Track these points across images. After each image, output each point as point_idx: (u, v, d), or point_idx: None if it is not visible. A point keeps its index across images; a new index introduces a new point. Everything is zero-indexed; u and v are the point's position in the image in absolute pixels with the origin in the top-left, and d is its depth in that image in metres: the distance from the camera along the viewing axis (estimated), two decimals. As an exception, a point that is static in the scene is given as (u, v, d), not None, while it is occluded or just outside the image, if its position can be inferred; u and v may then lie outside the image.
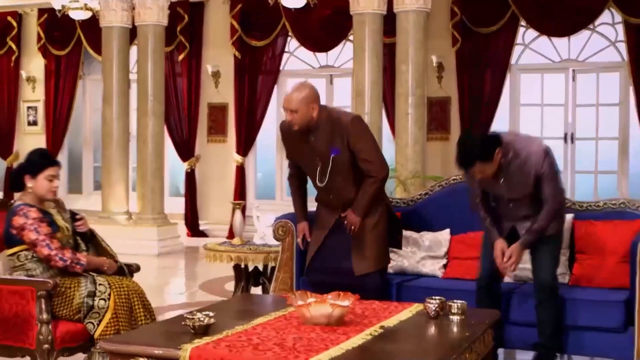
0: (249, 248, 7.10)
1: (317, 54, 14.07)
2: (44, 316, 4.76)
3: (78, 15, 12.92)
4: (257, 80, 14.07)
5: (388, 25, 11.29)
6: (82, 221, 5.33)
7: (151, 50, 12.65)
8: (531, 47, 12.87)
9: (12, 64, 15.54)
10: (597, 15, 11.98)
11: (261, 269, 7.39)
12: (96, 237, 5.44)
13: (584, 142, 12.68)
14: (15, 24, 15.42)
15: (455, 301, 4.49)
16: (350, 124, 5.50)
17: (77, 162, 15.83)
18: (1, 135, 15.69)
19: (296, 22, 13.45)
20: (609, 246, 5.71)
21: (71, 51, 14.99)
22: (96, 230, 5.58)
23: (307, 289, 4.86)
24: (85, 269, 5.06)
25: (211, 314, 4.11)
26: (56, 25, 14.59)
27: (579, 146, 12.68)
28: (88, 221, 5.45)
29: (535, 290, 5.38)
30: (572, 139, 12.64)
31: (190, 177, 14.47)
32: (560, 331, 5.42)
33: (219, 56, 14.26)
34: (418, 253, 6.33)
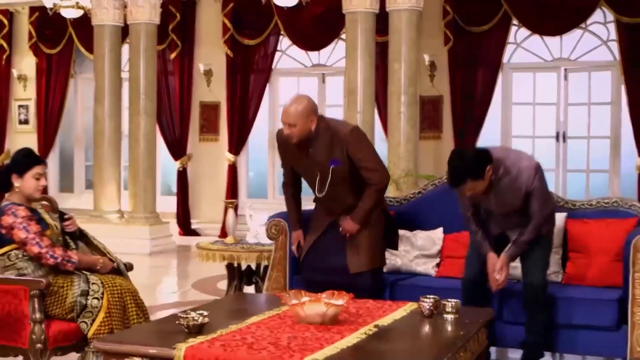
0: (242, 247, 7.09)
1: (309, 53, 14.05)
2: (37, 315, 4.74)
3: (70, 13, 12.87)
4: (249, 79, 14.05)
5: (380, 24, 11.29)
6: (71, 221, 5.32)
7: (143, 48, 12.62)
8: (523, 46, 12.88)
9: (3, 63, 15.47)
10: (589, 14, 12.00)
11: (254, 268, 7.38)
12: (87, 237, 5.42)
13: (576, 141, 12.69)
14: (6, 22, 15.35)
15: (449, 300, 4.50)
16: (349, 135, 5.53)
17: (69, 161, 15.78)
18: (-8, 133, 15.66)
19: (288, 21, 13.44)
20: (602, 245, 5.73)
21: (63, 49, 14.93)
22: (88, 229, 5.57)
23: (301, 288, 4.86)
24: (77, 267, 5.04)
25: (205, 313, 4.10)
26: (47, 23, 14.54)
27: (571, 145, 12.70)
28: (78, 220, 5.44)
29: (524, 291, 5.39)
30: (564, 138, 12.66)
31: (182, 176, 14.44)
32: (548, 329, 5.43)
33: (211, 55, 14.24)
34: (411, 252, 6.33)
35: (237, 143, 14.14)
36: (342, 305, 4.26)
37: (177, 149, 14.42)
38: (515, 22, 12.47)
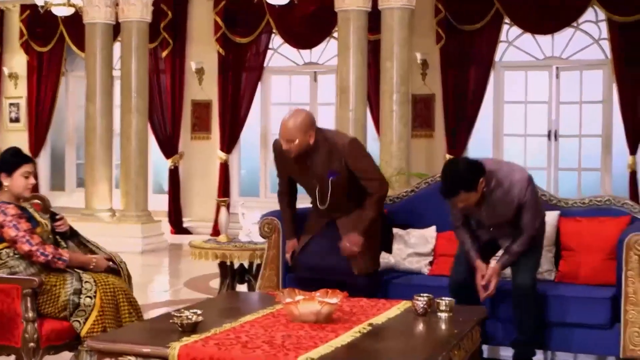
0: (235, 245, 7.07)
1: (301, 51, 14.04)
2: (30, 314, 4.72)
3: (61, 11, 12.84)
4: (241, 77, 14.04)
5: (372, 22, 11.28)
6: (62, 221, 5.30)
7: (135, 46, 12.60)
8: (515, 45, 12.90)
9: (-6, 60, 15.47)
10: (581, 13, 12.03)
11: (247, 267, 7.37)
12: (79, 236, 5.40)
13: (568, 140, 12.72)
14: (-3, 20, 15.34)
15: (443, 298, 4.51)
16: (348, 146, 5.56)
17: (60, 159, 15.75)
18: (-17, 132, 15.61)
19: (280, 19, 13.43)
20: (595, 243, 5.73)
21: (54, 47, 14.89)
22: (79, 227, 5.56)
23: (293, 286, 4.86)
24: (68, 266, 5.02)
25: (199, 312, 4.09)
26: (38, 21, 14.50)
27: (563, 143, 12.72)
28: (69, 219, 5.43)
29: (513, 291, 5.39)
30: (556, 136, 12.68)
31: (173, 174, 14.42)
32: (541, 328, 5.44)
33: (203, 53, 14.22)
34: (404, 250, 6.32)
35: (229, 141, 14.12)
36: (337, 303, 4.25)
37: (169, 147, 14.40)
38: (507, 21, 12.49)
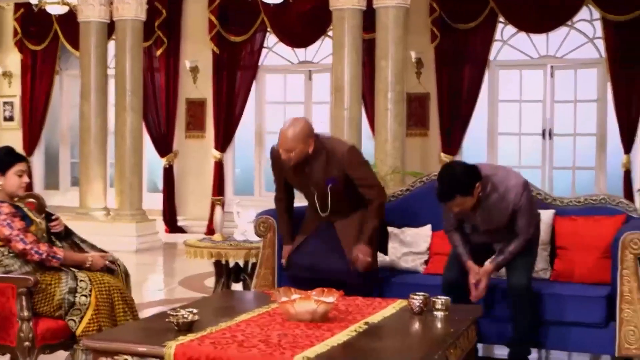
0: (230, 244, 7.05)
1: (296, 50, 14.04)
2: (25, 313, 4.71)
3: (55, 9, 12.82)
4: (236, 75, 14.04)
5: (367, 21, 11.28)
6: (58, 221, 5.29)
7: (129, 45, 12.56)
8: (510, 44, 12.92)
9: (-12, 59, 15.43)
10: (575, 11, 12.07)
11: (242, 265, 7.36)
12: (74, 237, 5.38)
13: (562, 138, 12.75)
14: (-9, 19, 15.32)
15: (439, 297, 4.51)
16: (347, 154, 5.57)
17: (54, 158, 15.73)
18: (-23, 130, 15.57)
19: (275, 18, 13.43)
20: (590, 242, 5.73)
21: (48, 46, 14.88)
22: (74, 226, 5.54)
23: (288, 285, 4.86)
24: (63, 264, 5.01)
25: (195, 311, 4.08)
26: (33, 19, 14.48)
27: (557, 142, 12.75)
28: (64, 218, 5.42)
29: (508, 291, 5.39)
30: (550, 135, 12.70)
31: (168, 173, 14.42)
32: (536, 326, 5.44)
33: (198, 51, 14.22)
34: (399, 249, 6.31)
35: (224, 140, 14.12)
36: (332, 302, 4.25)
37: (163, 146, 14.39)
38: (501, 20, 12.52)
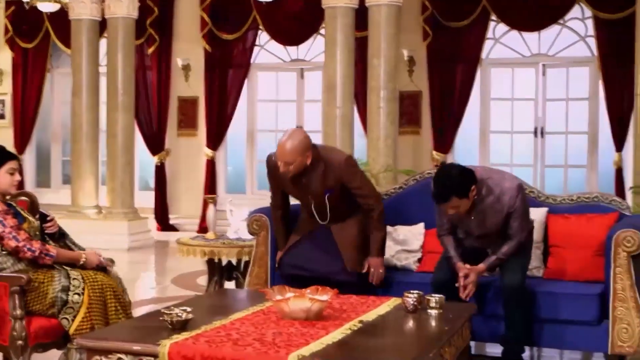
0: (223, 242, 7.05)
1: (288, 48, 14.03)
2: (18, 312, 4.70)
3: (46, 7, 12.78)
4: (228, 73, 14.03)
5: (359, 19, 11.27)
6: (52, 222, 5.28)
7: (121, 43, 12.52)
8: (502, 42, 12.94)
9: (-21, 57, 15.36)
10: (567, 10, 12.09)
11: (234, 264, 7.36)
12: (67, 238, 5.37)
13: (554, 136, 12.78)
14: (-19, 16, 15.24)
15: (433, 295, 4.50)
16: (344, 164, 5.60)
17: (46, 156, 15.69)
18: (-32, 128, 15.50)
19: (267, 16, 13.42)
20: (583, 239, 5.73)
21: (39, 44, 14.81)
22: (66, 224, 5.56)
23: (281, 283, 4.86)
24: (56, 262, 5.00)
25: (189, 309, 4.07)
26: (24, 17, 14.41)
27: (549, 140, 12.78)
28: (56, 217, 5.40)
29: (502, 290, 5.38)
30: (542, 133, 12.73)
31: (160, 171, 14.40)
32: (529, 324, 5.45)
33: (189, 49, 14.19)
34: (392, 247, 6.30)
35: (216, 138, 14.11)
36: (327, 300, 4.25)
37: (155, 144, 14.37)
38: (493, 18, 12.53)
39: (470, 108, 12.73)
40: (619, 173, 11.83)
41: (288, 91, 14.16)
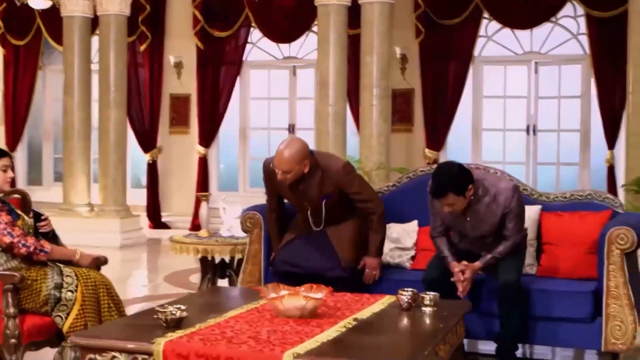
0: (216, 240, 7.04)
1: (280, 45, 14.00)
2: (11, 310, 4.68)
3: (38, 4, 12.75)
4: (220, 71, 14.00)
5: (352, 16, 11.26)
6: (47, 221, 5.27)
7: (113, 40, 12.49)
8: (494, 39, 12.94)
9: (-30, 54, 15.30)
10: (560, 8, 12.10)
11: (227, 261, 7.35)
12: (58, 240, 5.35)
13: (546, 134, 12.78)
14: (-27, 14, 15.17)
15: (427, 293, 4.50)
16: (342, 171, 5.62)
17: (37, 154, 15.64)
18: (-41, 126, 15.45)
19: (259, 13, 13.40)
20: (576, 237, 5.74)
21: (31, 41, 14.74)
22: (58, 222, 5.55)
23: (274, 281, 4.86)
24: (49, 258, 4.98)
25: (183, 307, 4.06)
26: (15, 14, 14.37)
27: (541, 138, 12.78)
28: (49, 214, 5.40)
29: (498, 289, 5.38)
30: (534, 131, 12.73)
31: (152, 169, 14.36)
32: (523, 322, 5.45)
33: (182, 47, 14.16)
34: (386, 245, 6.29)
35: (208, 136, 14.09)
36: (321, 298, 4.24)
37: (147, 142, 14.34)
38: (486, 15, 12.53)
39: (462, 106, 12.73)
40: (611, 171, 11.84)
41: (280, 89, 14.15)
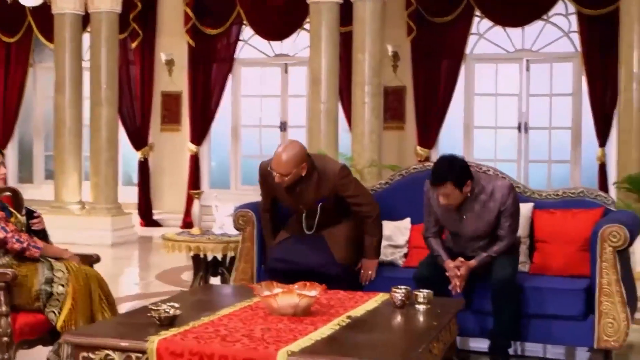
0: (209, 238, 7.03)
1: (272, 43, 13.98)
2: (3, 308, 4.67)
3: (29, 1, 12.69)
4: (212, 68, 13.98)
5: (344, 14, 11.24)
6: (39, 219, 5.25)
7: (104, 37, 12.45)
8: (486, 37, 12.95)
9: (-40, 51, 15.22)
10: (551, 6, 12.11)
11: (220, 259, 7.34)
12: (48, 239, 5.34)
13: (538, 132, 12.81)
14: (-37, 11, 15.10)
15: (421, 290, 4.51)
16: (339, 174, 5.64)
17: (28, 151, 15.59)
18: (-51, 123, 15.37)
19: (251, 10, 13.37)
20: (569, 235, 5.76)
21: (21, 38, 14.67)
22: (49, 220, 5.51)
23: (266, 278, 4.86)
24: (41, 254, 4.96)
25: (177, 305, 4.06)
26: (5, 11, 14.27)
27: (533, 135, 12.81)
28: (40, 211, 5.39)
29: (492, 285, 5.38)
30: (526, 129, 12.75)
31: (143, 166, 14.33)
32: (517, 320, 5.45)
33: (173, 44, 14.12)
34: (379, 242, 6.31)
35: (199, 133, 14.06)
36: (315, 296, 4.24)
37: (139, 139, 14.31)
38: (478, 13, 12.54)
39: (454, 103, 12.74)
40: (602, 168, 11.88)
41: (272, 86, 14.13)
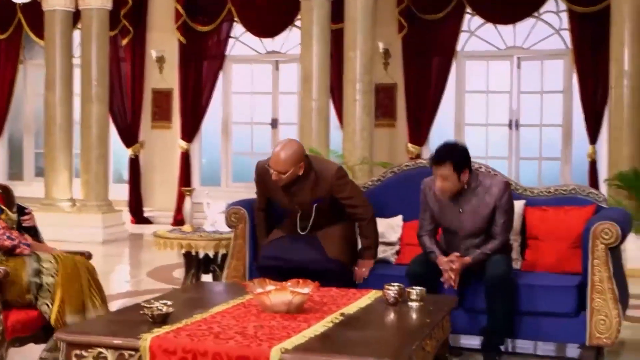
0: (200, 235, 7.01)
1: (263, 40, 13.97)
2: (-6, 305, 4.66)
3: (19, -2, 12.66)
4: (202, 65, 13.97)
5: (335, 11, 11.24)
6: (30, 216, 5.24)
7: (95, 34, 12.40)
8: (477, 34, 12.97)
9: (-50, 48, 15.16)
10: (542, 3, 12.16)
11: (211, 256, 7.32)
12: (39, 236, 5.32)
13: (528, 129, 12.84)
14: (-48, 7, 15.04)
15: (414, 288, 4.50)
16: (335, 175, 5.66)
17: (18, 148, 15.54)
18: (-61, 120, 15.31)
19: (242, 7, 13.36)
20: (560, 232, 5.77)
21: (11, 35, 14.63)
22: (40, 217, 5.50)
23: (258, 276, 4.86)
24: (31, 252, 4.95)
25: (169, 303, 4.04)
26: (-4, 8, 14.27)
27: (523, 133, 12.84)
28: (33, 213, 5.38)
29: (486, 281, 5.38)
30: (517, 126, 12.78)
31: (134, 164, 14.31)
32: (510, 317, 5.46)
33: (164, 41, 14.11)
34: (371, 239, 6.31)
35: (190, 130, 14.05)
36: (308, 293, 4.24)
37: (129, 136, 14.28)
38: (469, 11, 12.56)
39: (445, 101, 12.76)
40: (593, 165, 11.91)
41: (263, 83, 14.12)
